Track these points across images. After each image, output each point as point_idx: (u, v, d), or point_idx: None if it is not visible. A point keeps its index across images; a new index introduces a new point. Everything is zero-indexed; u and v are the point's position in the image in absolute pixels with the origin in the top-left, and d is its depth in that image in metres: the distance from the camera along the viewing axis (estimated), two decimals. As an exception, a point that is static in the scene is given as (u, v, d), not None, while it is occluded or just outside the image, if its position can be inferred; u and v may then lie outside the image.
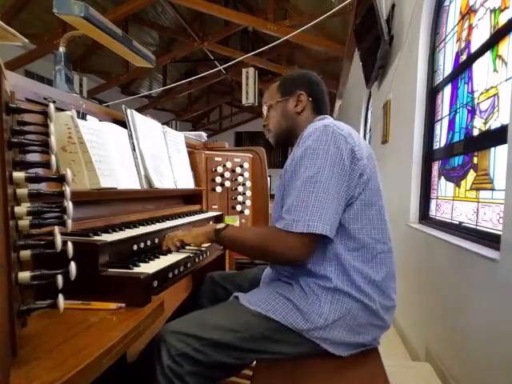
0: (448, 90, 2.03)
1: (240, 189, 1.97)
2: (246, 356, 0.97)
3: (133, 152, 1.25)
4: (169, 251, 1.08)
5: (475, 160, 1.64)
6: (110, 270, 0.78)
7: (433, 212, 2.19)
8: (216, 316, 0.99)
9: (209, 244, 1.21)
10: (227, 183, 1.91)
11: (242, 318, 0.98)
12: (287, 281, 1.05)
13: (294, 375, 0.94)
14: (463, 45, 1.84)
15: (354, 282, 0.96)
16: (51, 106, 0.57)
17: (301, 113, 1.18)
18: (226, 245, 1.10)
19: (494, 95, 1.49)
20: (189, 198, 1.72)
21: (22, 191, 0.53)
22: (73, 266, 0.57)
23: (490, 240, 1.40)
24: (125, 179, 1.15)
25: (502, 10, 1.46)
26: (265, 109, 1.24)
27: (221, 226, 1.09)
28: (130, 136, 1.26)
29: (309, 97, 1.17)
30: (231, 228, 1.09)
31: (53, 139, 0.55)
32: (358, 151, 0.97)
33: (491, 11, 1.55)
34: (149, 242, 1.05)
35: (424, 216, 2.25)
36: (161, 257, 1.00)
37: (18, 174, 0.52)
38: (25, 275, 0.52)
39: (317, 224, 0.90)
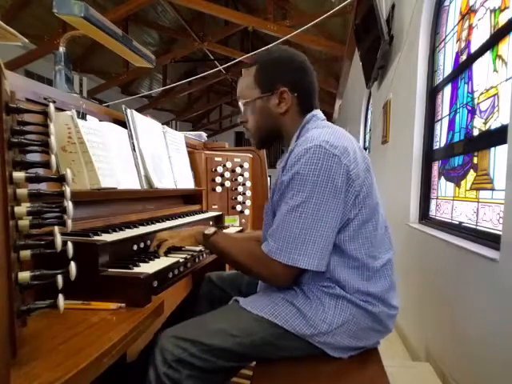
0: (448, 89, 2.03)
1: (240, 189, 1.97)
2: (246, 361, 0.96)
3: (133, 152, 1.25)
4: (168, 251, 1.08)
5: (475, 160, 1.64)
6: (109, 269, 0.79)
7: (433, 212, 2.19)
8: (215, 321, 0.96)
9: None
10: (227, 183, 1.91)
11: (242, 322, 0.95)
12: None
13: (293, 376, 0.94)
14: (463, 45, 1.84)
15: (355, 292, 0.95)
16: (51, 106, 0.57)
17: (285, 113, 1.01)
18: (213, 251, 1.07)
19: (494, 95, 1.49)
20: (189, 198, 1.72)
21: (22, 191, 0.53)
22: (73, 265, 0.57)
23: (490, 240, 1.40)
24: (125, 179, 1.15)
25: (502, 10, 1.46)
26: (240, 104, 1.05)
27: (209, 231, 1.02)
28: (130, 136, 1.26)
29: (294, 92, 0.99)
30: (219, 236, 1.03)
31: (53, 139, 0.56)
32: (354, 170, 0.90)
33: (491, 11, 1.55)
34: (149, 242, 1.05)
35: (424, 216, 2.25)
36: (161, 257, 1.00)
37: (18, 174, 0.52)
38: (25, 275, 0.52)
39: (301, 258, 0.87)
